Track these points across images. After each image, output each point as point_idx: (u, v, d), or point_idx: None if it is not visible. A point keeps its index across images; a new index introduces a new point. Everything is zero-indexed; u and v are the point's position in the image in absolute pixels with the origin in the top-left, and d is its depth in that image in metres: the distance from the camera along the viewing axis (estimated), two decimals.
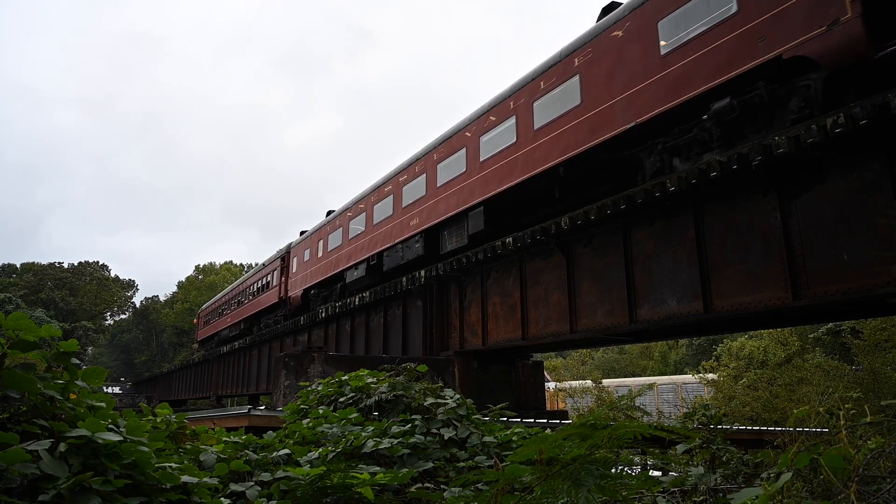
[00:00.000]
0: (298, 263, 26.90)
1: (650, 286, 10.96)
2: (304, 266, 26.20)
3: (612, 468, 2.41)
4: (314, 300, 24.94)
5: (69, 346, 2.42)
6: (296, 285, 26.78)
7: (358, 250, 20.81)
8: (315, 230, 25.80)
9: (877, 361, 18.08)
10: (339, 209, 23.66)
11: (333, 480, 3.01)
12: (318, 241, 25.02)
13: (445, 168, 16.36)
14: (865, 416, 2.32)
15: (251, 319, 34.13)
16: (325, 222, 24.76)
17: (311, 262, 25.38)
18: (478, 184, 14.81)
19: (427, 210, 16.87)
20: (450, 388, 5.46)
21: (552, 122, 12.77)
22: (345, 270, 21.75)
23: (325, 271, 23.63)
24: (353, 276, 20.89)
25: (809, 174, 8.78)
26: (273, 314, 30.23)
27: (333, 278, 22.91)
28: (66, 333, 57.08)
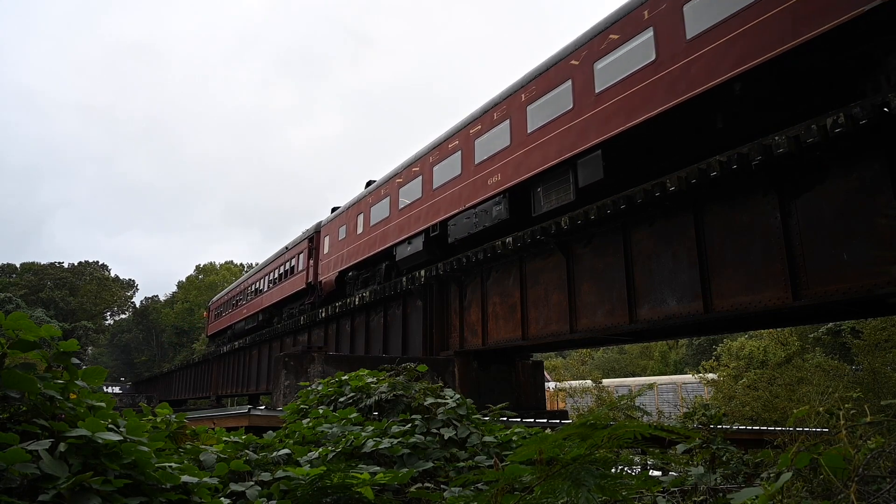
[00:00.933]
0: (332, 243, 23.57)
1: (650, 286, 10.96)
2: (338, 246, 22.90)
3: (612, 468, 2.41)
4: (352, 283, 21.67)
5: (69, 346, 2.42)
6: (328, 268, 23.47)
7: (412, 221, 17.59)
8: (353, 203, 22.35)
9: (877, 361, 18.08)
10: (385, 176, 20.30)
11: (333, 480, 3.01)
12: (356, 215, 21.64)
13: (540, 110, 13.26)
14: (865, 416, 2.32)
15: (272, 309, 30.78)
16: (367, 193, 21.27)
17: (347, 241, 22.08)
18: (592, 122, 11.73)
19: (512, 164, 13.78)
20: (450, 388, 5.46)
21: (720, 23, 9.52)
22: (394, 246, 18.43)
23: (366, 249, 20.41)
24: (406, 252, 17.67)
25: (809, 174, 8.78)
26: (299, 302, 27.17)
27: (378, 257, 19.74)
28: (66, 333, 57.10)
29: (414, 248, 17.39)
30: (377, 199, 20.36)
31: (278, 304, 29.65)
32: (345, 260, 22.11)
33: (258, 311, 32.46)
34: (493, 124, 14.83)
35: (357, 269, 21.40)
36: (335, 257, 23.11)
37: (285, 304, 28.96)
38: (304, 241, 26.64)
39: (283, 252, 29.62)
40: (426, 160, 17.59)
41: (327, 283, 23.49)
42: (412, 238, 17.60)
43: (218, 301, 44.40)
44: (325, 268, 24.02)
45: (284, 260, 29.08)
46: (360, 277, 21.14)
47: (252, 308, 33.76)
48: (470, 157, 15.54)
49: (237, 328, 36.61)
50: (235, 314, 37.57)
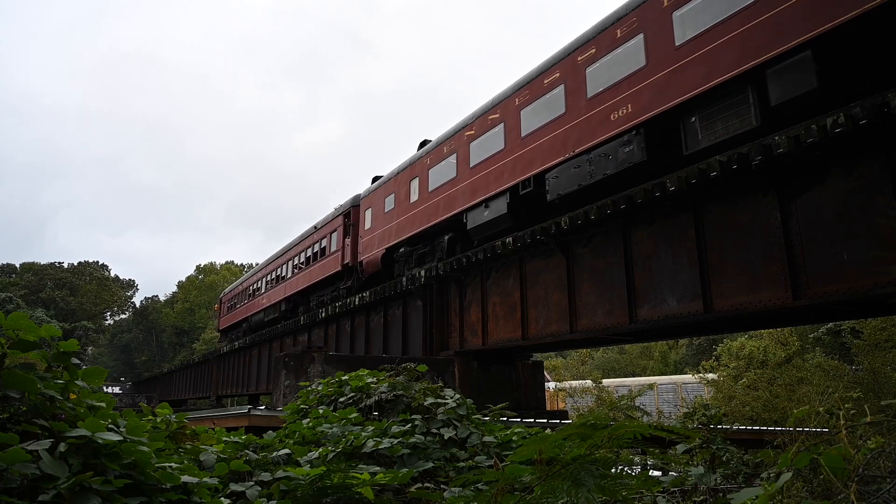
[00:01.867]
0: (375, 217, 20.51)
1: (650, 286, 10.96)
2: (384, 219, 19.82)
3: (612, 468, 2.41)
4: (403, 261, 18.56)
5: (69, 346, 2.42)
6: (371, 245, 20.42)
7: (491, 179, 14.54)
8: (404, 168, 19.17)
9: (877, 361, 18.08)
10: (448, 132, 17.12)
11: (333, 480, 3.01)
12: (408, 181, 18.55)
13: (695, 15, 10.05)
14: (865, 416, 2.32)
15: (297, 297, 27.71)
16: (423, 153, 18.17)
17: (397, 212, 18.94)
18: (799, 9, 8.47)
19: (651, 89, 10.68)
20: (450, 388, 5.46)
21: None
22: (465, 212, 15.44)
23: (423, 219, 17.30)
24: (483, 218, 14.71)
25: (809, 174, 8.78)
26: (331, 287, 24.11)
27: (440, 227, 16.76)
28: (66, 333, 57.07)
29: (494, 212, 14.36)
30: (437, 158, 17.08)
31: (305, 291, 26.57)
32: (393, 234, 18.91)
33: (281, 301, 29.20)
34: (615, 44, 11.65)
35: (411, 243, 18.15)
36: (380, 233, 19.90)
37: (314, 290, 25.91)
38: (338, 217, 23.57)
39: (311, 232, 26.37)
40: (510, 104, 14.44)
41: (370, 262, 20.29)
42: (491, 200, 14.49)
43: (231, 292, 41.17)
44: (366, 246, 20.84)
45: (313, 241, 25.89)
46: (415, 254, 17.88)
47: (273, 297, 30.43)
48: (578, 90, 12.34)
49: (255, 320, 33.36)
50: (253, 305, 34.22)
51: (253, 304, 34.28)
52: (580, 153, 12.01)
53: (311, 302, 26.39)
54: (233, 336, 38.58)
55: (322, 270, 24.37)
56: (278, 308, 29.47)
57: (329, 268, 23.72)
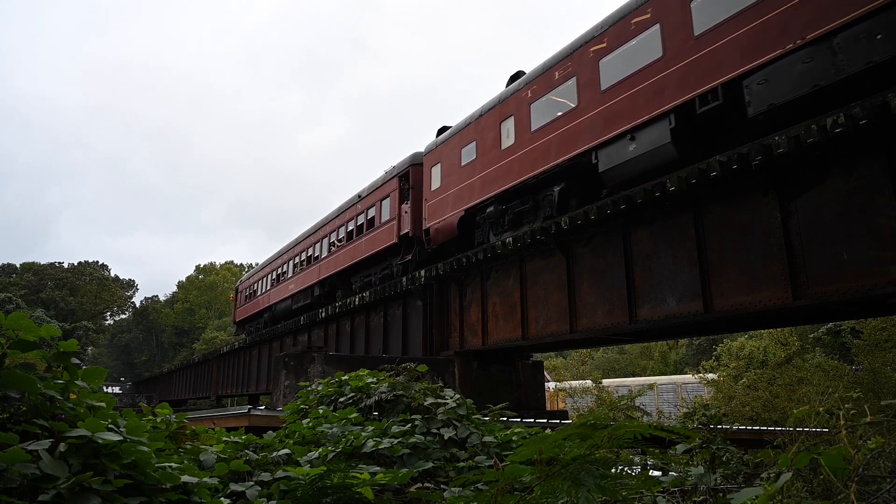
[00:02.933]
0: (447, 173, 17.01)
1: (650, 286, 10.96)
2: (460, 175, 16.37)
3: (612, 468, 2.41)
4: (489, 224, 15.20)
5: (69, 346, 2.42)
6: (442, 209, 16.96)
7: (638, 102, 10.97)
8: (490, 108, 15.73)
9: (877, 361, 18.08)
10: (562, 52, 13.43)
11: (333, 480, 3.01)
12: (497, 123, 15.10)
13: None
14: (865, 416, 2.32)
15: (336, 279, 23.97)
16: (519, 86, 14.67)
17: (480, 164, 15.55)
18: None
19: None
20: (450, 388, 5.46)
21: None
22: (595, 150, 11.85)
23: (522, 168, 13.96)
24: (628, 154, 11.16)
25: (809, 174, 8.79)
26: (383, 264, 20.81)
27: (548, 176, 13.30)
28: (66, 333, 57.08)
29: (646, 144, 10.79)
30: (545, 87, 13.57)
31: (346, 272, 23.02)
32: (476, 192, 15.55)
33: (314, 284, 25.67)
34: None
35: (502, 201, 14.77)
36: (455, 192, 16.49)
37: (357, 269, 22.39)
38: (392, 180, 20.02)
39: (354, 202, 22.86)
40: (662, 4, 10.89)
41: (442, 229, 16.84)
42: (639, 129, 10.93)
43: (250, 280, 37.14)
44: (434, 210, 17.32)
45: (356, 212, 22.36)
46: (509, 213, 14.47)
47: (304, 281, 26.79)
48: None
49: (280, 309, 29.81)
50: (277, 292, 30.49)
51: (277, 290, 30.47)
52: (814, 39, 8.38)
53: (353, 284, 22.88)
54: (252, 328, 35.46)
55: (370, 245, 20.75)
56: (310, 293, 25.93)
57: (380, 241, 20.11)
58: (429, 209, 17.71)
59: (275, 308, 30.87)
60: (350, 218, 23.05)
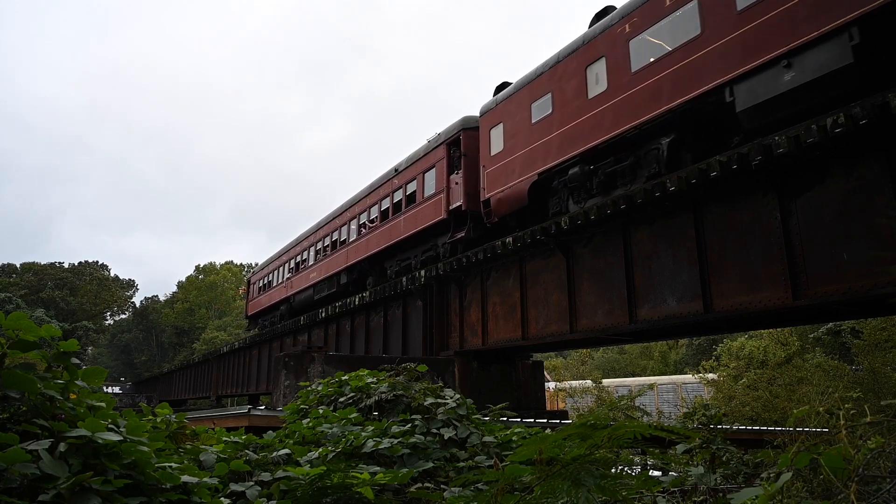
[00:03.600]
0: (511, 134, 14.73)
1: (650, 286, 10.97)
2: (529, 135, 14.06)
3: (612, 468, 2.42)
4: (569, 190, 13.07)
5: (69, 346, 2.42)
6: (506, 175, 14.62)
7: (796, 18, 8.71)
8: (570, 53, 13.27)
9: (877, 361, 18.09)
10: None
11: (333, 480, 3.02)
12: (582, 68, 12.73)
13: None
14: (865, 416, 2.32)
15: (368, 264, 21.58)
16: (611, 23, 12.30)
17: (557, 119, 13.19)
18: None
19: None
20: (450, 388, 5.46)
21: None
22: (730, 84, 9.62)
23: (616, 119, 11.60)
24: (783, 85, 8.85)
25: (809, 174, 8.79)
26: (427, 245, 18.31)
27: (652, 126, 10.99)
28: (66, 333, 57.05)
29: (810, 71, 8.53)
30: (653, 16, 11.14)
31: (380, 255, 20.59)
32: (553, 152, 13.18)
33: (341, 271, 23.22)
34: None
35: (589, 160, 12.36)
36: (523, 155, 14.18)
37: (395, 252, 19.96)
38: (438, 148, 17.68)
39: (390, 176, 20.49)
40: None
41: (508, 198, 14.57)
42: (799, 52, 8.66)
43: (263, 271, 34.67)
44: (495, 177, 15.05)
45: (392, 188, 20.09)
46: (599, 174, 12.13)
47: (329, 268, 24.39)
48: None
49: (300, 300, 27.41)
50: (297, 281, 27.89)
51: (297, 280, 27.85)
52: None
53: (387, 269, 20.47)
54: (266, 322, 33.07)
55: (410, 224, 18.41)
56: (335, 281, 23.56)
57: (423, 218, 17.79)
58: (489, 177, 15.35)
59: (294, 299, 28.28)
60: (385, 195, 20.37)
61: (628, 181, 11.71)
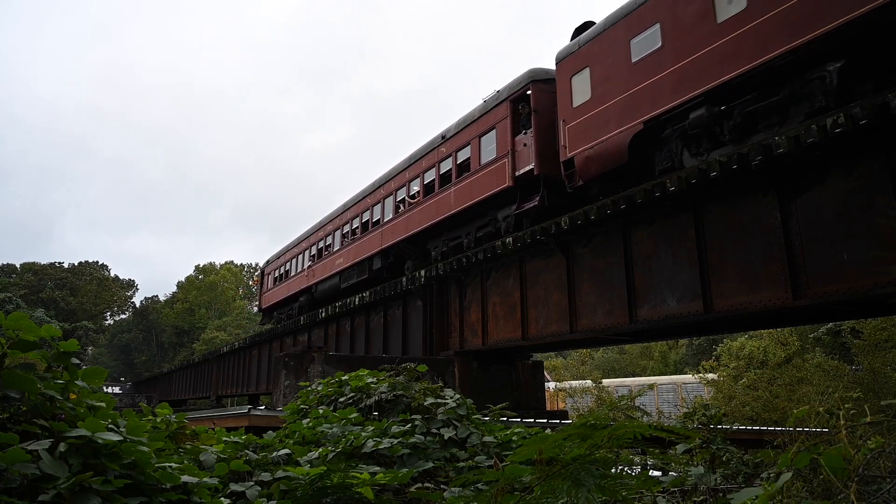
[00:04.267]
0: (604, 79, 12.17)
1: (650, 286, 10.97)
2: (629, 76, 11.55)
3: (612, 468, 2.41)
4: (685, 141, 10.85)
5: (69, 346, 2.42)
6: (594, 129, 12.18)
7: None
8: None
9: (877, 361, 18.09)
10: None
11: (333, 480, 3.02)
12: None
13: None
14: (865, 416, 2.32)
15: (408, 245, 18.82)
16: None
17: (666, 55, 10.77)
18: None
19: None
20: (450, 388, 5.46)
21: None
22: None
23: (754, 47, 9.26)
24: None
25: (809, 174, 8.79)
26: (482, 220, 15.91)
27: (806, 55, 8.80)
28: (66, 333, 56.98)
29: None
30: None
31: (425, 234, 17.88)
32: (665, 94, 10.77)
33: (374, 255, 20.48)
34: None
35: (717, 100, 10.12)
36: (620, 101, 11.69)
37: (442, 229, 17.25)
38: (499, 107, 15.24)
39: (436, 144, 17.54)
40: None
41: (598, 156, 12.10)
42: None
43: (279, 260, 31.41)
44: (581, 132, 12.53)
45: (438, 158, 17.34)
46: (734, 115, 9.91)
47: (359, 252, 21.61)
48: None
49: (324, 289, 24.85)
50: (320, 269, 25.11)
51: (320, 267, 25.10)
52: None
53: (431, 250, 17.93)
54: (282, 315, 30.33)
55: (464, 196, 15.72)
56: (367, 267, 21.03)
57: (482, 188, 15.19)
58: (571, 133, 12.82)
59: (316, 289, 25.58)
60: (428, 166, 17.64)
61: (775, 122, 9.45)
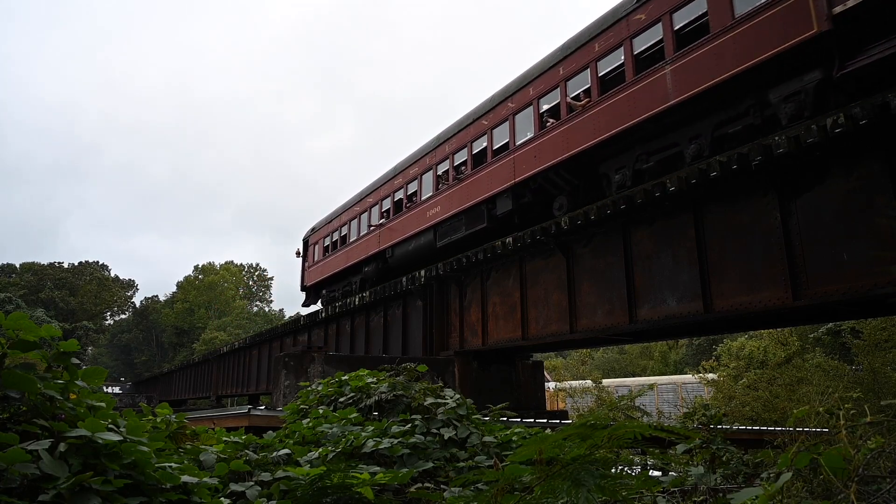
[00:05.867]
0: None
1: (650, 286, 10.97)
2: None
3: (612, 468, 2.42)
4: None
5: (69, 346, 2.42)
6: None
7: None
8: None
9: (877, 361, 18.08)
10: None
11: (333, 480, 3.02)
12: None
13: None
14: (865, 416, 2.32)
15: (570, 170, 13.17)
16: None
17: None
18: None
19: None
20: (450, 388, 5.46)
21: None
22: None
23: None
24: None
25: (809, 174, 8.79)
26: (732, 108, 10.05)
27: None
28: (66, 333, 57.06)
29: None
30: None
31: (599, 149, 12.21)
32: None
33: (498, 193, 14.81)
34: None
35: None
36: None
37: (643, 133, 11.45)
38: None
39: (630, 8, 11.79)
40: None
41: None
42: None
43: (332, 224, 24.45)
44: None
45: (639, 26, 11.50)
46: None
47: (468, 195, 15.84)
48: None
49: (405, 252, 18.69)
50: (398, 226, 19.00)
51: (398, 224, 19.06)
52: None
53: (608, 175, 12.36)
54: (335, 292, 24.06)
55: (698, 72, 10.04)
56: (484, 213, 15.29)
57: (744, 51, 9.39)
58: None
59: (392, 253, 19.32)
60: (609, 47, 12.12)
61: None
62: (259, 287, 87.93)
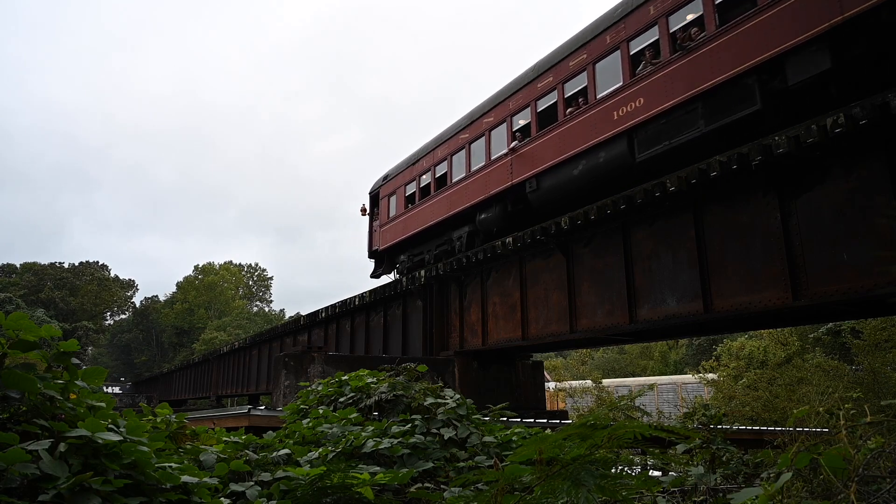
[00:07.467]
0: None
1: (650, 286, 10.97)
2: None
3: (612, 468, 2.41)
4: None
5: (69, 346, 2.42)
6: None
7: None
8: None
9: (877, 361, 18.08)
10: None
11: (333, 480, 3.01)
12: None
13: None
14: (865, 416, 2.32)
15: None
16: None
17: None
18: None
19: None
20: (450, 388, 5.46)
21: None
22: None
23: None
24: None
25: (809, 174, 8.79)
26: None
27: None
28: (66, 333, 57.06)
29: None
30: None
31: None
32: None
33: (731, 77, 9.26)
34: None
35: None
36: None
37: None
38: None
39: None
40: None
41: None
42: None
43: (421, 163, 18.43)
44: None
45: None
46: None
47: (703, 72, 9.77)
48: None
49: (556, 185, 13.05)
50: (553, 143, 12.95)
51: (552, 140, 13.09)
52: None
53: None
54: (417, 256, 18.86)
55: None
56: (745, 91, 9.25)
57: None
58: None
59: (538, 184, 13.54)
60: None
61: None
62: (259, 287, 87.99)
